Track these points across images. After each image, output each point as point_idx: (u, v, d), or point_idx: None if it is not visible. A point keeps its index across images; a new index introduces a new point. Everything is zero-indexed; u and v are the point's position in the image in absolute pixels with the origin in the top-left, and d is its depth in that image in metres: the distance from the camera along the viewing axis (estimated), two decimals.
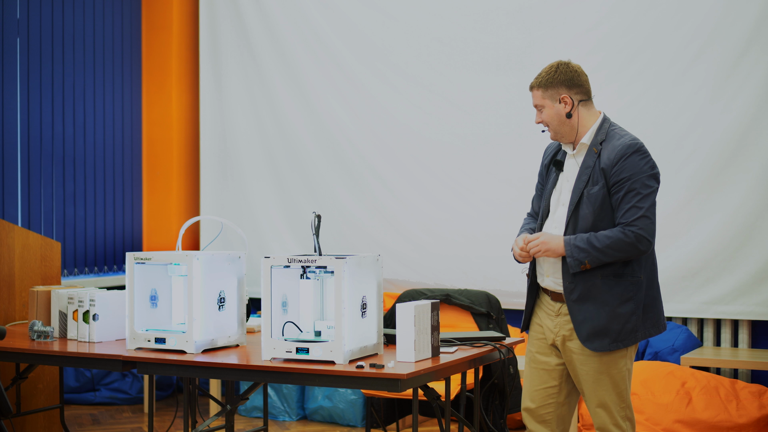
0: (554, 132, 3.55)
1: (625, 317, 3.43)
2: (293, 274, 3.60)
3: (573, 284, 3.45)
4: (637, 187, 3.39)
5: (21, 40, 6.11)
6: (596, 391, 3.50)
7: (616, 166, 3.41)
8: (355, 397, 5.88)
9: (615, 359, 3.48)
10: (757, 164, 5.43)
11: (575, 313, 3.46)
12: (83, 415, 6.20)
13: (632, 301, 3.44)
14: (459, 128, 6.20)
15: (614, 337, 3.43)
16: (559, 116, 3.52)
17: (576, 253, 3.39)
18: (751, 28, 5.43)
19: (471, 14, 6.15)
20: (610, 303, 3.43)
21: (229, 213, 6.82)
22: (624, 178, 3.40)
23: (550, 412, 3.63)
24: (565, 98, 3.51)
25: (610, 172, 3.42)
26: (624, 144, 3.43)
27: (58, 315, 4.24)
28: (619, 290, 3.43)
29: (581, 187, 3.46)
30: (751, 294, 5.46)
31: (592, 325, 3.44)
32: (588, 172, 3.46)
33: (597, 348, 3.44)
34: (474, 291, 5.52)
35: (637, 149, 3.42)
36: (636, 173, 3.40)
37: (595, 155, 3.47)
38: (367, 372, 3.32)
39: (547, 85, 3.52)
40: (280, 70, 6.70)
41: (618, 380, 3.49)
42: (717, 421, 5.00)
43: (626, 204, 3.39)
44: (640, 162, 3.41)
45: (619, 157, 3.41)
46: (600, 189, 3.43)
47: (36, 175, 6.22)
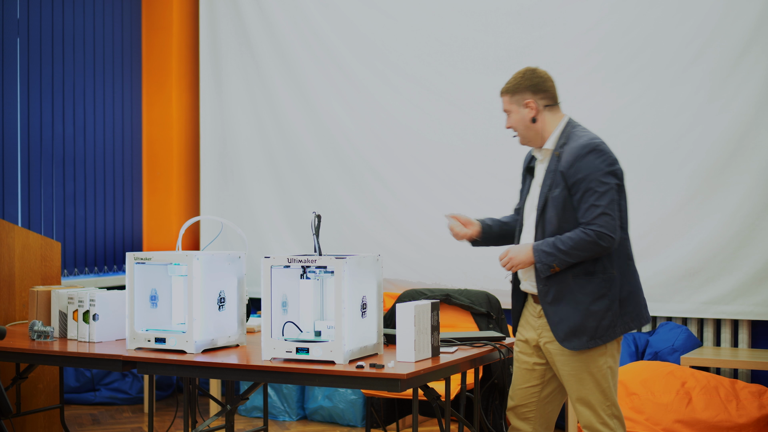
0: (522, 137, 3.63)
1: (600, 314, 3.46)
2: (293, 274, 3.60)
3: (546, 287, 3.51)
4: (593, 186, 3.43)
5: (21, 40, 6.11)
6: (579, 390, 3.53)
7: (573, 167, 3.46)
8: (355, 397, 5.88)
9: (594, 357, 3.50)
10: (756, 164, 5.43)
11: (550, 314, 3.52)
12: (83, 415, 6.20)
13: (606, 298, 3.47)
14: (459, 128, 6.20)
15: (591, 334, 3.47)
16: (525, 121, 3.59)
17: (544, 258, 3.46)
18: (750, 28, 5.43)
19: (471, 14, 6.15)
20: (583, 302, 3.47)
21: (229, 213, 6.82)
22: (580, 179, 3.45)
23: (532, 410, 3.68)
24: (529, 103, 3.58)
25: (567, 174, 3.47)
26: (580, 145, 3.48)
27: (58, 315, 4.25)
28: (592, 288, 3.47)
29: (545, 191, 3.53)
30: (751, 294, 5.46)
31: (568, 324, 3.48)
32: (551, 176, 3.52)
33: (575, 347, 3.47)
34: (474, 291, 5.52)
35: (592, 149, 3.46)
36: (592, 172, 3.44)
37: (557, 159, 3.52)
38: (367, 372, 3.32)
39: (514, 90, 3.61)
40: (280, 70, 6.70)
41: (599, 378, 3.51)
42: (717, 421, 5.00)
43: (584, 204, 3.44)
44: (596, 161, 3.45)
45: (574, 158, 3.46)
46: (561, 192, 3.48)
47: (36, 175, 6.22)
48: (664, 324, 5.70)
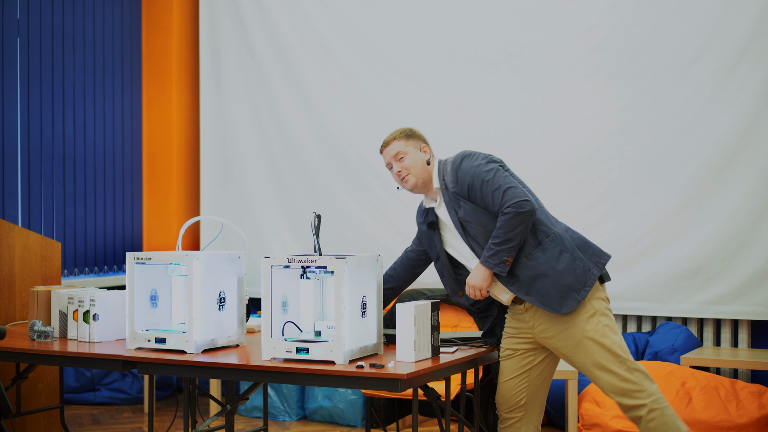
0: (416, 177, 3.76)
1: (570, 267, 3.59)
2: (293, 274, 3.60)
3: (512, 279, 3.61)
4: (482, 178, 3.60)
5: (21, 40, 6.12)
6: (587, 357, 3.60)
7: (458, 181, 3.66)
8: (355, 397, 5.88)
9: (584, 320, 3.58)
10: (756, 165, 5.44)
11: (534, 298, 3.61)
12: (83, 415, 6.20)
13: (565, 252, 3.60)
14: (459, 128, 6.20)
15: (577, 287, 3.58)
16: (422, 162, 3.78)
17: (493, 261, 3.57)
18: (750, 29, 5.44)
19: (472, 14, 6.15)
20: (550, 267, 3.58)
21: (229, 213, 6.82)
22: (469, 183, 3.63)
23: (524, 397, 3.75)
24: (425, 148, 3.82)
25: (459, 190, 3.65)
26: (451, 162, 3.72)
27: (58, 315, 4.25)
28: (548, 254, 3.59)
29: (456, 220, 3.68)
30: (751, 294, 5.46)
31: (552, 293, 3.58)
32: (451, 204, 3.69)
33: (573, 305, 3.57)
34: None
35: (462, 157, 3.71)
36: (474, 172, 3.63)
37: (447, 190, 3.70)
38: (367, 372, 3.32)
39: (408, 136, 3.82)
40: (280, 71, 6.71)
41: (599, 337, 3.58)
42: (717, 421, 5.00)
43: (487, 196, 3.60)
44: (470, 163, 3.67)
45: (454, 174, 3.68)
46: (465, 205, 3.65)
47: (36, 175, 6.22)
48: (664, 324, 5.70)
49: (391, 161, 3.81)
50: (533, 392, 3.76)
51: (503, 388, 3.78)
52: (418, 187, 3.78)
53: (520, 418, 3.77)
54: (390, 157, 3.81)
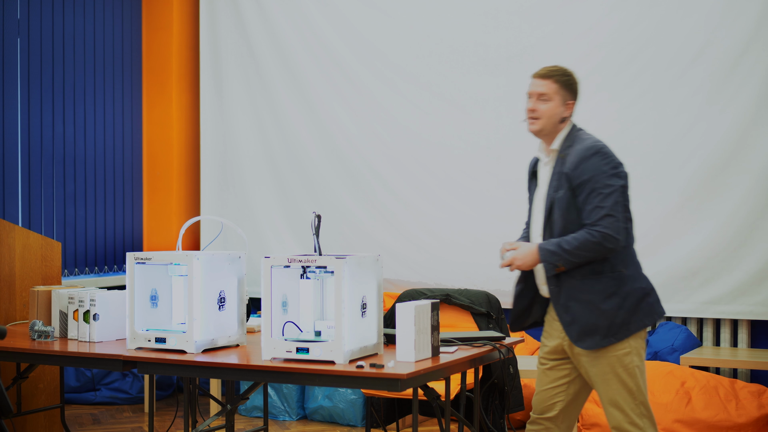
0: (541, 126, 3.58)
1: (612, 313, 3.47)
2: (293, 274, 3.60)
3: (557, 288, 3.53)
4: (597, 188, 3.45)
5: (21, 41, 6.12)
6: (607, 391, 3.52)
7: (578, 168, 3.48)
8: (355, 396, 5.88)
9: (619, 357, 3.49)
10: (756, 165, 5.44)
11: (563, 315, 3.53)
12: (84, 414, 6.20)
13: (616, 296, 3.48)
14: (459, 129, 6.20)
15: (604, 333, 3.47)
16: (557, 117, 3.57)
17: (549, 257, 3.46)
18: (749, 30, 5.44)
19: (471, 15, 6.16)
20: (593, 301, 3.47)
21: (229, 213, 6.83)
22: (585, 180, 3.46)
23: (557, 411, 3.65)
24: (570, 105, 3.59)
25: (572, 176, 3.48)
26: (584, 147, 3.50)
27: (58, 315, 4.25)
28: (601, 287, 3.48)
29: (551, 193, 3.55)
30: (751, 294, 5.46)
31: (580, 324, 3.49)
32: (556, 177, 3.54)
33: (589, 346, 3.48)
34: (474, 291, 5.52)
35: (596, 151, 3.49)
36: (596, 174, 3.45)
37: (562, 161, 3.54)
38: (367, 372, 3.32)
39: (565, 85, 3.58)
40: (280, 71, 6.71)
41: (626, 378, 3.50)
42: (716, 420, 5.01)
43: (589, 205, 3.45)
44: (600, 163, 3.47)
45: (579, 160, 3.48)
46: (565, 193, 3.50)
47: (36, 176, 6.22)
48: (663, 324, 5.71)
49: (533, 94, 3.58)
50: (566, 407, 3.67)
51: (539, 395, 3.70)
52: (539, 135, 3.60)
53: (548, 427, 3.68)
54: (533, 90, 3.58)
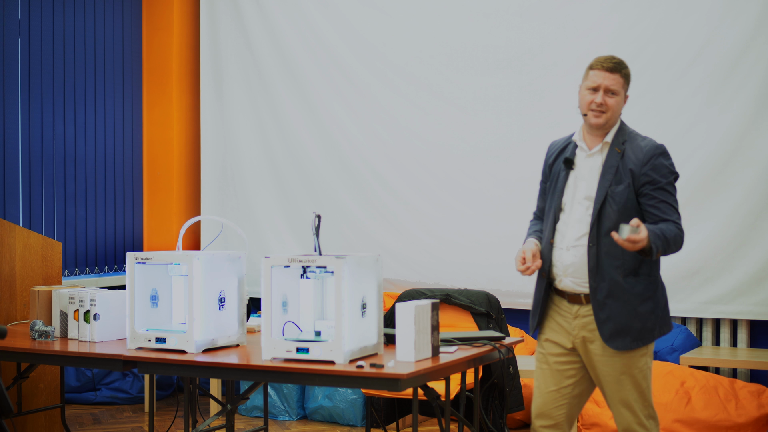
0: (606, 120, 3.53)
1: (646, 316, 3.48)
2: (293, 274, 3.61)
3: (596, 282, 3.47)
4: (670, 189, 3.49)
5: (22, 41, 6.12)
6: (619, 391, 3.52)
7: (647, 165, 3.47)
8: (355, 396, 5.89)
9: (636, 358, 3.50)
10: (756, 165, 5.44)
11: (599, 312, 3.48)
12: (84, 414, 6.21)
13: (651, 300, 3.49)
14: (459, 129, 6.20)
15: (635, 335, 3.47)
16: (620, 111, 3.58)
17: (656, 240, 3.37)
18: (749, 30, 5.44)
19: (472, 16, 6.16)
20: (632, 302, 3.46)
21: (229, 213, 6.83)
22: (655, 178, 3.46)
23: (562, 413, 3.63)
24: (627, 97, 3.60)
25: (638, 172, 3.46)
26: (652, 145, 3.51)
27: (59, 315, 4.25)
28: (640, 289, 3.48)
29: (606, 186, 3.49)
30: (750, 294, 5.47)
31: (615, 324, 3.46)
32: (612, 171, 3.49)
33: (619, 347, 3.46)
34: (474, 291, 5.53)
35: (663, 152, 3.52)
36: (666, 174, 3.49)
37: (618, 155, 3.50)
38: (367, 372, 3.32)
39: (627, 77, 3.58)
40: (280, 71, 6.71)
41: (640, 379, 3.51)
42: (716, 420, 5.01)
43: (665, 204, 3.46)
44: (668, 163, 3.52)
45: (649, 158, 3.48)
46: (625, 188, 3.46)
47: (37, 176, 6.23)
48: None
49: (600, 87, 3.50)
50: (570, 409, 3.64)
51: (543, 397, 3.64)
52: (600, 128, 3.54)
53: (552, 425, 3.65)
54: (603, 83, 3.50)
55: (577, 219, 3.54)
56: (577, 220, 3.54)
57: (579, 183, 3.56)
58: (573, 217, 3.55)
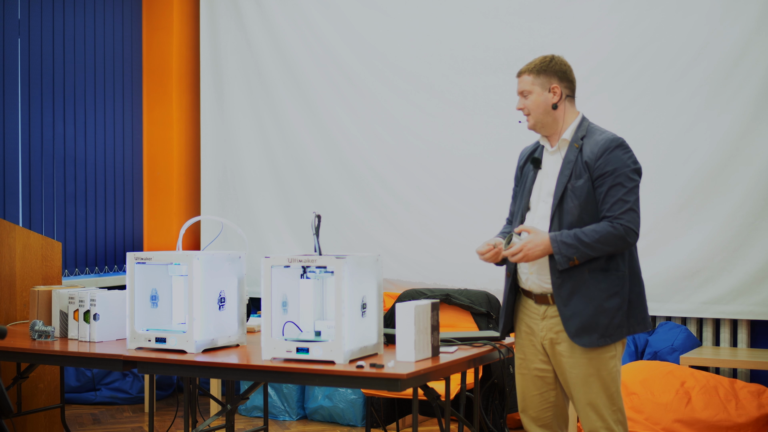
0: (534, 121, 3.54)
1: (612, 312, 3.41)
2: (293, 274, 3.61)
3: (561, 279, 3.43)
4: (621, 181, 3.41)
5: (22, 41, 6.12)
6: (587, 393, 3.46)
7: (600, 159, 3.42)
8: (355, 396, 5.89)
9: (605, 360, 3.45)
10: (755, 165, 5.44)
11: (563, 308, 3.44)
12: (84, 414, 6.21)
13: (618, 296, 3.43)
14: (460, 130, 6.20)
15: (602, 332, 3.41)
16: (546, 105, 3.53)
17: (564, 250, 3.37)
18: (749, 31, 5.43)
19: (472, 16, 6.15)
20: (597, 297, 3.41)
21: (229, 213, 6.83)
22: (608, 172, 3.41)
23: (549, 416, 3.62)
24: (555, 88, 3.53)
25: (593, 165, 3.42)
26: (607, 138, 3.46)
27: (58, 315, 4.25)
28: (606, 285, 3.42)
29: (564, 181, 3.46)
30: (751, 294, 5.46)
31: (581, 320, 3.41)
32: (570, 166, 3.47)
33: (585, 344, 3.41)
34: (474, 291, 5.53)
35: (619, 144, 3.45)
36: (620, 167, 3.42)
37: (577, 150, 3.48)
38: (367, 372, 3.32)
39: (540, 71, 3.54)
40: (280, 72, 6.71)
41: (608, 381, 3.45)
42: (716, 420, 5.01)
43: (612, 197, 3.40)
44: (623, 156, 3.43)
45: (603, 151, 3.43)
46: (585, 182, 3.43)
47: (37, 176, 6.23)
48: (663, 324, 5.71)
49: (518, 93, 3.57)
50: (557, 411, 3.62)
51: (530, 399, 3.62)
52: (536, 129, 3.56)
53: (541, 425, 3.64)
54: (517, 89, 3.57)
55: (541, 216, 3.53)
56: (541, 217, 3.53)
57: (543, 181, 3.56)
58: (537, 215, 3.55)
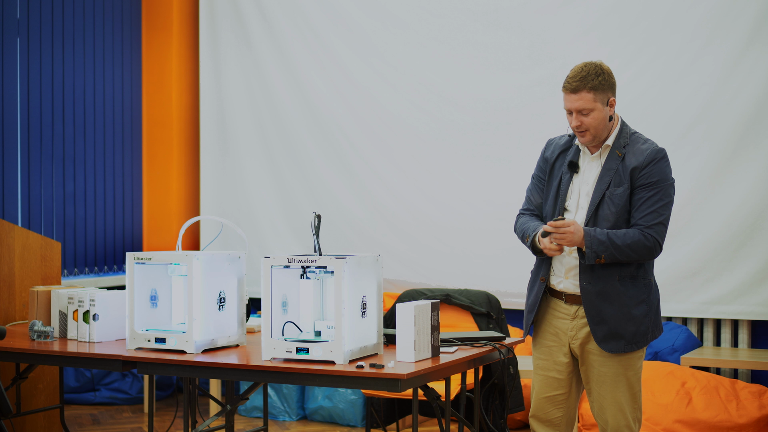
0: (592, 136, 3.48)
1: (640, 319, 3.46)
2: (293, 274, 3.60)
3: (591, 285, 3.46)
4: (660, 194, 3.44)
5: (21, 40, 6.11)
6: (614, 393, 3.50)
7: (646, 169, 3.43)
8: (355, 397, 5.88)
9: (633, 360, 3.50)
10: (756, 164, 5.44)
11: (592, 314, 3.47)
12: (83, 415, 6.20)
13: (645, 303, 3.48)
14: (460, 129, 6.20)
15: (629, 339, 3.46)
16: (605, 119, 3.48)
17: (595, 246, 3.37)
18: (749, 30, 5.42)
19: (472, 13, 6.15)
20: (626, 305, 3.45)
21: (229, 213, 6.82)
22: (652, 183, 3.43)
23: (560, 417, 3.64)
24: (613, 101, 3.49)
25: (638, 174, 3.43)
26: (653, 149, 3.47)
27: (58, 315, 4.25)
28: (635, 292, 3.46)
29: (603, 188, 3.47)
30: (751, 294, 5.46)
31: (609, 327, 3.45)
32: (610, 174, 3.47)
33: (612, 349, 3.46)
34: (474, 291, 5.52)
35: (664, 156, 3.48)
36: (663, 179, 3.45)
37: (619, 158, 3.47)
38: (367, 372, 3.32)
39: (599, 87, 3.44)
40: (280, 69, 6.70)
41: (633, 382, 3.52)
42: (717, 421, 5.00)
43: (648, 207, 3.42)
44: (666, 169, 3.47)
45: (649, 161, 3.44)
46: (624, 191, 3.44)
47: (36, 175, 6.22)
48: (663, 324, 5.71)
49: (572, 110, 3.44)
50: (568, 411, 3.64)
51: (540, 402, 3.64)
52: (592, 143, 3.49)
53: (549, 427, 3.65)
54: (571, 106, 3.44)
55: (579, 221, 3.53)
56: (579, 222, 3.52)
57: (582, 187, 3.55)
58: (570, 217, 3.55)
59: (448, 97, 6.22)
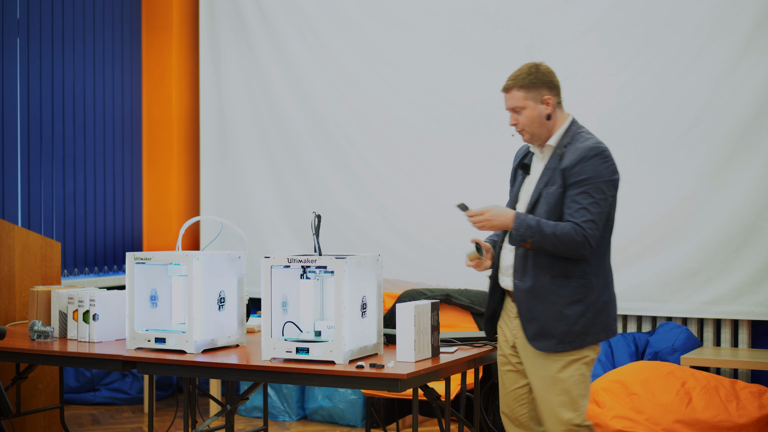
0: (530, 135, 3.53)
1: (573, 319, 3.39)
2: (293, 274, 3.60)
3: (522, 282, 3.45)
4: (591, 191, 3.37)
5: (21, 40, 6.11)
6: (546, 394, 3.44)
7: (576, 167, 3.39)
8: (355, 397, 5.88)
9: (568, 363, 3.42)
10: (757, 164, 5.43)
11: (523, 311, 3.45)
12: (83, 415, 6.20)
13: (581, 303, 3.40)
14: (459, 128, 6.19)
15: (561, 338, 3.40)
16: (540, 118, 3.50)
17: (523, 229, 3.37)
18: (750, 29, 5.42)
19: (471, 15, 6.15)
20: (558, 303, 3.40)
21: (229, 213, 6.82)
22: (581, 180, 3.37)
23: (524, 414, 3.61)
24: (548, 99, 3.50)
25: (569, 173, 3.40)
26: (586, 147, 3.42)
27: (58, 315, 4.25)
28: (568, 291, 3.40)
29: (540, 187, 3.47)
30: (751, 294, 5.46)
31: (539, 324, 3.42)
32: (549, 173, 3.46)
33: (542, 348, 3.42)
34: (474, 291, 5.52)
35: (598, 152, 3.40)
36: (594, 176, 3.37)
37: (558, 158, 3.46)
38: (367, 372, 3.32)
39: (530, 85, 3.49)
40: (279, 69, 6.70)
41: (570, 385, 3.41)
42: (717, 421, 5.00)
43: (576, 204, 3.37)
44: (600, 166, 3.39)
45: (579, 159, 3.39)
46: (557, 189, 3.42)
47: (36, 175, 6.22)
48: (664, 324, 5.70)
49: (508, 109, 3.53)
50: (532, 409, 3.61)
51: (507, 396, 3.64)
52: (533, 141, 3.53)
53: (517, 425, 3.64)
54: (507, 105, 3.52)
55: None
56: None
57: (529, 186, 3.57)
58: None
59: (448, 97, 6.22)
